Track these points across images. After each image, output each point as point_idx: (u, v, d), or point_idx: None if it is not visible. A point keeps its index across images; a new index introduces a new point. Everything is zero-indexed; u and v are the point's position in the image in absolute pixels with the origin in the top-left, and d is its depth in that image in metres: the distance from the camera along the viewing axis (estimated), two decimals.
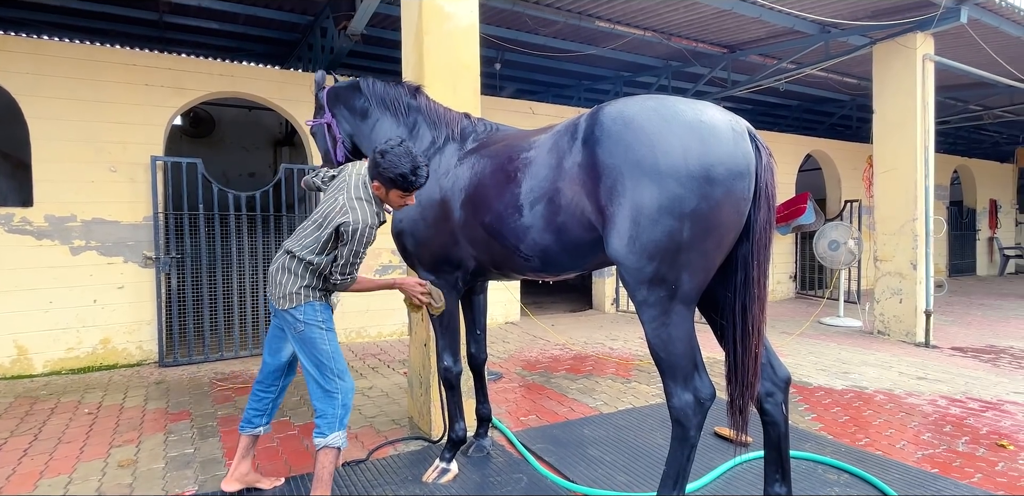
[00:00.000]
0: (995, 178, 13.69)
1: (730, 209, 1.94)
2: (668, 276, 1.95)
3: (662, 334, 2.01)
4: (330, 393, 2.41)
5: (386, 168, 2.32)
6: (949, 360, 5.25)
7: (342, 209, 2.37)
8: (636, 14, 5.99)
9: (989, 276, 13.30)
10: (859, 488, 2.71)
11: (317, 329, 2.43)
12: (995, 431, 3.47)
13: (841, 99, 9.87)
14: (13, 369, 4.79)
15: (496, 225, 2.46)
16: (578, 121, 2.23)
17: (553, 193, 2.24)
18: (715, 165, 1.90)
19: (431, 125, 2.92)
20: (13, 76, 4.79)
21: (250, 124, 9.68)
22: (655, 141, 1.94)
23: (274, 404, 2.73)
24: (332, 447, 2.38)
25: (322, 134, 3.21)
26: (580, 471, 2.90)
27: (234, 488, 2.63)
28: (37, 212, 4.87)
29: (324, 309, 2.48)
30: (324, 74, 3.22)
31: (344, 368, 2.46)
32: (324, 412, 2.40)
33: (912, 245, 6.04)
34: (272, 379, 2.70)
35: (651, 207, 1.92)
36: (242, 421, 2.69)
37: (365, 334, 6.26)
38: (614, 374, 4.82)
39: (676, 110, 1.98)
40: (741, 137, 1.98)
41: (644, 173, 1.93)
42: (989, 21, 5.81)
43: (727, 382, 2.14)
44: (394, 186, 2.37)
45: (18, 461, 3.12)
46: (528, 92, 9.22)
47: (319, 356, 2.42)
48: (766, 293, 2.10)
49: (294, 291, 2.42)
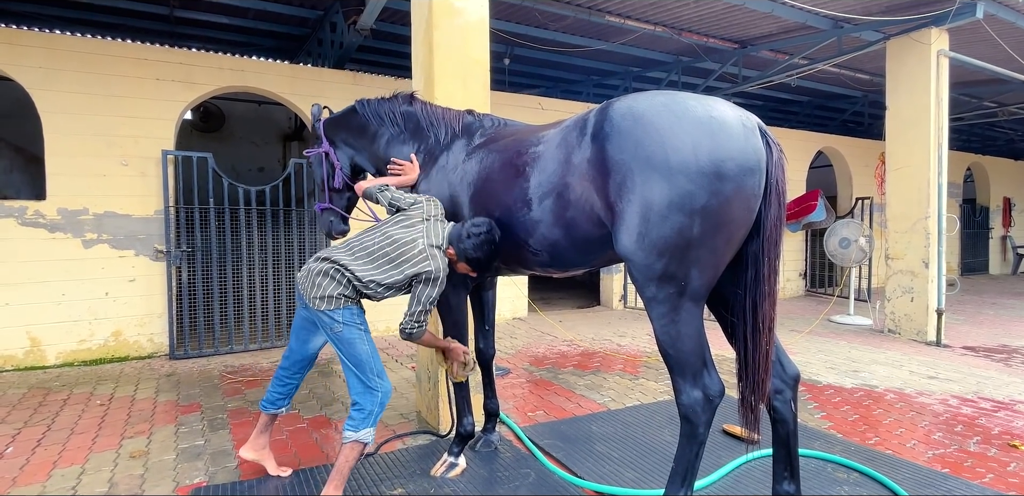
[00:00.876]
0: (1009, 176, 13.52)
1: (740, 205, 1.93)
2: (677, 273, 1.94)
3: (671, 331, 2.00)
4: (372, 390, 2.46)
5: (468, 249, 2.43)
6: (961, 359, 5.21)
7: (422, 255, 2.44)
8: (647, 9, 5.94)
9: (1002, 275, 13.15)
10: (869, 487, 2.69)
11: (356, 330, 2.47)
12: (1007, 431, 3.44)
13: (853, 95, 9.77)
14: (26, 360, 4.85)
15: (505, 219, 2.47)
16: (587, 116, 2.22)
17: (562, 188, 2.24)
18: (725, 161, 1.88)
19: (432, 126, 2.93)
20: (26, 70, 4.83)
21: (259, 119, 9.71)
22: (665, 137, 1.92)
23: (295, 389, 2.86)
24: (361, 442, 2.42)
25: (319, 163, 3.23)
26: (588, 467, 2.90)
27: (247, 456, 2.81)
28: (50, 205, 4.92)
29: (360, 312, 2.54)
30: (320, 108, 3.25)
31: (383, 369, 2.52)
32: (363, 406, 2.44)
33: (924, 243, 5.98)
34: (298, 367, 2.79)
35: (661, 203, 1.91)
36: (264, 401, 2.82)
37: (373, 328, 6.26)
38: (622, 370, 4.81)
39: (686, 106, 1.96)
40: (752, 133, 1.96)
41: (654, 169, 1.92)
42: (1005, 16, 5.73)
43: (738, 379, 2.13)
44: (467, 263, 2.48)
45: (32, 451, 3.16)
46: (537, 88, 9.18)
47: (360, 356, 2.47)
48: (776, 290, 2.08)
49: (334, 295, 2.44)
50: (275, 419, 2.86)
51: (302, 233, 5.88)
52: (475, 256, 2.43)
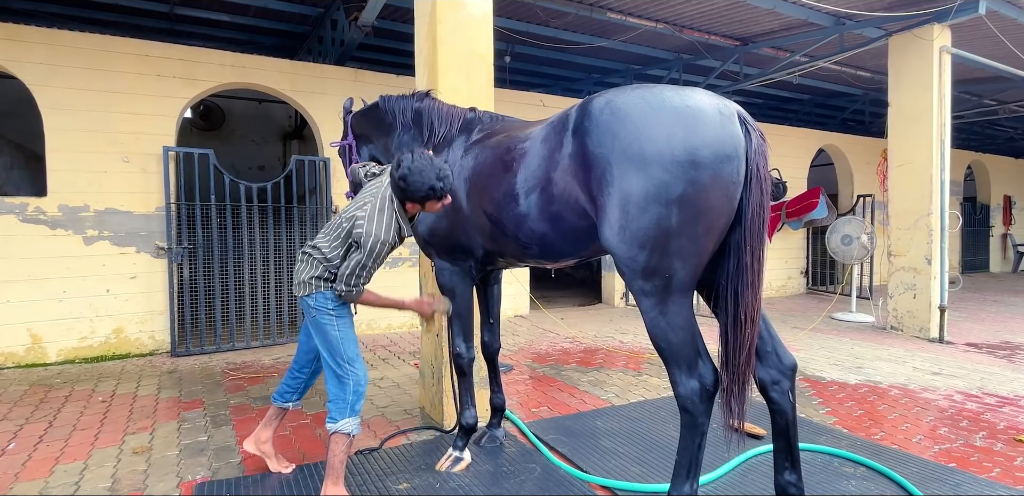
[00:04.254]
0: (1009, 174, 13.52)
1: (718, 193, 1.91)
2: (661, 264, 1.94)
3: (661, 323, 2.00)
4: (341, 378, 2.46)
5: (414, 191, 2.36)
6: (964, 355, 5.20)
7: (365, 218, 2.41)
8: (648, 5, 5.93)
9: (1002, 273, 13.16)
10: (876, 481, 2.68)
11: (327, 315, 2.48)
12: (1013, 426, 3.43)
13: (854, 93, 9.76)
14: (27, 357, 4.83)
15: (496, 213, 2.52)
16: (569, 112, 2.25)
17: (546, 183, 2.27)
18: (700, 148, 1.88)
19: (439, 123, 2.98)
20: (28, 66, 4.81)
21: (260, 117, 9.69)
22: (640, 128, 1.93)
23: (306, 384, 2.84)
24: (342, 433, 2.41)
25: (344, 154, 3.39)
26: (594, 462, 2.89)
27: (250, 450, 2.78)
28: (51, 202, 4.90)
29: (336, 297, 2.50)
30: (352, 100, 3.40)
31: (355, 354, 2.50)
32: (336, 396, 2.46)
33: (927, 240, 5.97)
34: (306, 361, 2.79)
35: (638, 195, 1.91)
36: (275, 393, 2.83)
37: (375, 326, 6.27)
38: (625, 367, 4.80)
39: (662, 97, 1.97)
40: (729, 120, 1.94)
41: (630, 161, 1.93)
42: (1008, 13, 5.72)
43: (720, 368, 2.08)
44: (427, 199, 2.41)
45: (34, 447, 3.14)
46: (538, 86, 9.17)
47: (330, 341, 2.48)
48: (761, 280, 2.04)
49: (307, 280, 2.50)
50: (283, 413, 2.85)
51: (303, 230, 5.87)
52: (426, 188, 2.35)
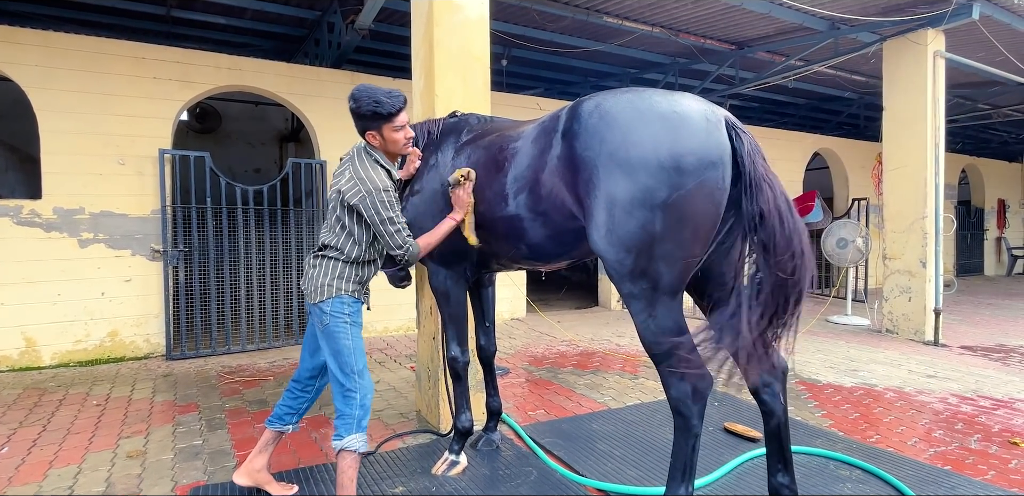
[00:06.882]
0: (1003, 178, 13.60)
1: (703, 199, 1.91)
2: (648, 267, 1.95)
3: (651, 326, 2.00)
4: (348, 392, 2.31)
5: (365, 107, 2.30)
6: (959, 358, 5.22)
7: (352, 180, 2.33)
8: (645, 10, 5.96)
9: (997, 276, 13.22)
10: (871, 484, 2.68)
11: (342, 323, 2.34)
12: (1008, 429, 3.44)
13: (849, 97, 9.80)
14: (21, 361, 4.80)
15: (487, 214, 2.53)
16: (560, 114, 2.26)
17: (534, 184, 2.29)
18: (685, 155, 1.88)
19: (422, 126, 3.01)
20: (23, 68, 4.80)
21: (256, 120, 9.69)
22: (627, 133, 1.95)
23: (308, 405, 2.67)
24: (349, 450, 2.26)
25: None
26: (590, 465, 2.88)
27: (242, 482, 2.54)
28: (46, 204, 4.88)
29: (353, 303, 2.39)
30: None
31: (364, 366, 2.37)
32: (342, 412, 2.31)
33: (922, 243, 6.00)
34: (308, 379, 2.63)
35: (624, 199, 1.92)
36: (271, 416, 2.62)
37: (371, 329, 6.25)
38: (621, 370, 4.80)
39: (651, 102, 1.98)
40: (715, 126, 1.95)
41: (617, 165, 1.94)
42: (1001, 18, 5.76)
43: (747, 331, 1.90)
44: (382, 120, 2.34)
45: (28, 451, 3.12)
46: (534, 89, 9.18)
47: (340, 350, 2.33)
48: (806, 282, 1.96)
49: (328, 283, 2.36)
50: (280, 438, 2.63)
51: (300, 233, 5.86)
52: (373, 100, 2.30)
